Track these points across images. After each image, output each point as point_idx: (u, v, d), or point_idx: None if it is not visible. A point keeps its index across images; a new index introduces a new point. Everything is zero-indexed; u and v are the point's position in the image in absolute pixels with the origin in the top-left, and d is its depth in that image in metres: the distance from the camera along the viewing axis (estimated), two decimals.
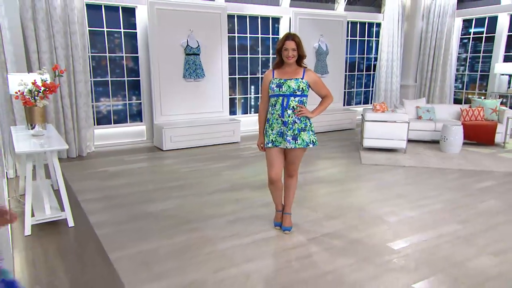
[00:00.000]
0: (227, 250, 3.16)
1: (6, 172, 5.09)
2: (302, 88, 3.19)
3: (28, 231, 3.44)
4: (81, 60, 6.02)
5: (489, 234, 3.53)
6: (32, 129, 3.83)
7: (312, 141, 3.28)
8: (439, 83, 9.60)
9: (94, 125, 6.55)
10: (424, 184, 4.92)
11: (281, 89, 3.18)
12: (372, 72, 9.96)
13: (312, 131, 3.30)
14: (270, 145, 3.28)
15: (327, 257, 3.08)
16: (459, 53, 9.72)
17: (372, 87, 10.04)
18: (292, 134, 3.20)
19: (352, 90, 9.79)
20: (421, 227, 3.65)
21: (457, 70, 9.81)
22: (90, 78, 6.35)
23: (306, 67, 3.29)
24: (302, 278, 2.78)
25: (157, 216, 3.85)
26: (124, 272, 2.83)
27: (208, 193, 4.54)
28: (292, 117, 3.19)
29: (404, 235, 3.49)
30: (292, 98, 3.18)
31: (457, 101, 9.82)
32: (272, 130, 3.27)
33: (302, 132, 3.23)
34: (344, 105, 9.34)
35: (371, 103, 10.02)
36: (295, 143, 3.20)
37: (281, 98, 3.19)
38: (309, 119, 3.30)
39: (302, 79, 3.20)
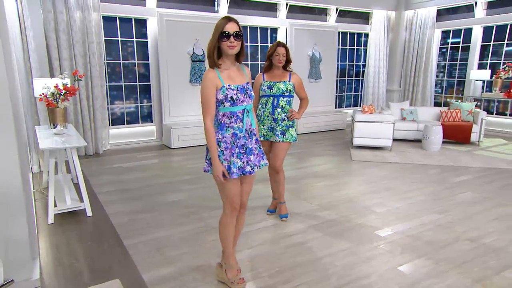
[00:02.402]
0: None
1: (32, 168, 5.09)
2: (290, 89, 3.35)
3: (51, 219, 3.44)
4: (98, 66, 6.02)
5: (466, 222, 3.54)
6: (54, 128, 3.83)
7: (295, 137, 3.43)
8: (421, 88, 9.61)
9: (109, 125, 6.54)
10: (408, 178, 4.94)
11: (271, 90, 3.34)
12: (360, 78, 9.97)
13: (295, 128, 3.47)
14: (262, 138, 3.40)
15: (322, 243, 3.09)
16: (438, 61, 9.73)
17: (361, 91, 10.04)
18: (281, 129, 3.35)
19: (343, 94, 9.79)
20: (406, 217, 3.66)
21: (437, 76, 9.83)
22: (106, 83, 6.35)
23: (291, 71, 3.43)
24: (300, 261, 2.79)
25: (167, 207, 3.86)
26: (137, 256, 2.84)
27: (214, 186, 4.54)
28: (281, 115, 3.34)
29: (390, 223, 3.50)
30: (281, 98, 3.34)
31: (437, 104, 9.84)
32: (263, 125, 3.40)
33: (290, 129, 3.39)
34: (335, 108, 9.34)
35: (360, 105, 10.03)
36: (283, 137, 3.36)
37: (271, 98, 3.34)
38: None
39: (289, 81, 3.36)
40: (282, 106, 3.33)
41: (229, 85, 2.16)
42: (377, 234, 3.27)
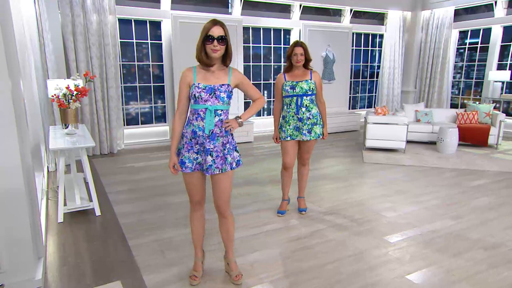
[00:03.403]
0: (234, 241, 3.07)
1: (48, 166, 5.14)
2: (312, 88, 3.31)
3: (60, 218, 3.43)
4: (113, 68, 6.04)
5: (480, 229, 3.34)
6: (66, 128, 3.83)
7: (319, 133, 3.39)
8: (437, 89, 9.29)
9: (124, 125, 6.57)
10: (422, 181, 4.73)
11: (294, 90, 3.29)
12: (375, 79, 9.72)
13: (321, 125, 3.41)
14: (288, 138, 3.38)
15: (328, 248, 2.96)
16: (455, 62, 9.38)
17: (375, 93, 9.79)
18: (308, 128, 3.33)
19: (357, 95, 9.57)
20: (417, 222, 3.49)
21: (454, 77, 9.47)
22: (121, 84, 6.37)
23: (312, 69, 3.37)
24: (304, 267, 2.67)
25: (174, 207, 3.80)
26: (140, 258, 2.78)
27: None
28: (306, 113, 3.31)
29: (401, 229, 3.33)
30: (304, 97, 3.30)
31: (453, 105, 9.49)
32: (289, 125, 3.36)
33: (314, 126, 3.35)
34: (349, 109, 9.13)
35: (374, 107, 9.78)
36: (310, 135, 3.35)
37: (295, 98, 3.31)
38: (319, 115, 3.37)
39: (310, 80, 3.30)
40: (306, 105, 3.31)
41: (198, 84, 2.17)
42: (386, 239, 3.12)
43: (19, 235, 2.22)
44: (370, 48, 9.44)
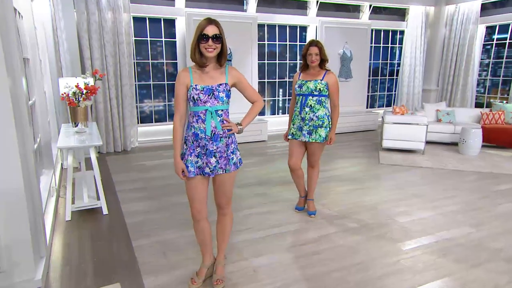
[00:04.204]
0: (239, 244, 3.00)
1: (62, 163, 5.21)
2: (320, 88, 3.18)
3: (68, 216, 3.45)
4: (127, 66, 6.07)
5: (503, 238, 3.12)
6: (75, 126, 3.85)
7: (323, 137, 3.25)
8: (460, 87, 8.90)
9: (138, 123, 6.60)
10: (440, 185, 4.51)
11: (301, 89, 3.22)
12: (394, 77, 9.41)
13: (328, 128, 3.27)
14: (290, 137, 3.35)
15: (335, 254, 2.83)
16: (481, 59, 8.94)
17: (395, 91, 9.48)
18: (308, 129, 3.23)
19: (376, 93, 9.30)
20: (433, 228, 3.30)
21: (479, 75, 9.04)
22: (135, 82, 6.40)
23: (328, 70, 3.24)
24: (308, 275, 2.56)
25: (181, 208, 3.75)
26: (143, 259, 2.74)
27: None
28: (309, 114, 3.21)
29: (414, 235, 3.16)
30: (310, 97, 3.20)
31: (478, 105, 9.06)
32: (293, 124, 3.33)
33: (319, 128, 3.22)
34: (367, 108, 8.88)
35: (393, 105, 9.48)
36: (310, 137, 3.23)
37: (301, 97, 3.26)
38: (328, 117, 3.25)
39: (321, 80, 3.19)
40: (310, 105, 3.21)
41: (196, 85, 2.10)
42: (397, 247, 2.96)
43: (18, 235, 2.21)
44: (390, 45, 9.14)
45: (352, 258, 2.78)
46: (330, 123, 3.28)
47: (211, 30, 2.04)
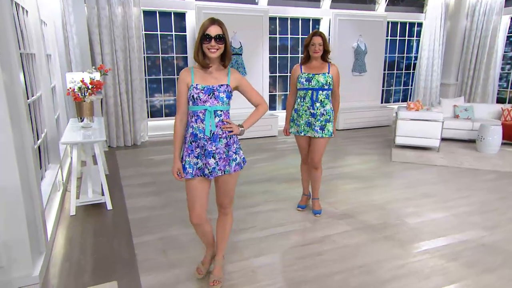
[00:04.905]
0: (241, 243, 2.94)
1: (72, 158, 5.27)
2: (329, 82, 3.10)
3: (73, 211, 3.47)
4: (137, 60, 6.07)
5: None
6: (81, 121, 3.86)
7: (331, 131, 3.18)
8: (481, 81, 8.55)
9: (148, 117, 6.62)
10: (453, 184, 4.33)
11: (310, 83, 3.10)
12: (411, 71, 9.12)
13: (332, 122, 3.19)
14: (302, 134, 3.24)
15: (338, 256, 2.75)
16: (505, 52, 8.55)
17: (411, 85, 9.20)
18: (320, 124, 3.14)
19: (391, 88, 9.04)
20: (444, 230, 3.17)
21: (502, 69, 8.65)
22: (145, 76, 6.40)
23: (330, 62, 3.16)
24: (308, 276, 2.49)
25: (184, 204, 3.70)
26: (142, 257, 2.73)
27: (239, 183, 4.32)
28: (320, 109, 3.12)
29: (423, 237, 3.04)
30: (320, 91, 3.11)
31: (500, 100, 8.69)
32: (301, 120, 3.20)
33: (328, 123, 3.15)
34: (381, 103, 8.65)
35: (410, 100, 9.21)
36: (322, 132, 3.16)
37: (310, 91, 3.13)
38: (332, 111, 3.18)
39: (328, 73, 3.10)
40: (321, 100, 3.12)
41: (196, 85, 2.08)
42: (405, 249, 2.85)
43: (15, 232, 2.22)
44: (407, 37, 8.85)
45: (356, 260, 2.69)
46: (333, 116, 3.22)
47: (214, 30, 2.01)
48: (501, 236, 3.07)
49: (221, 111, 2.11)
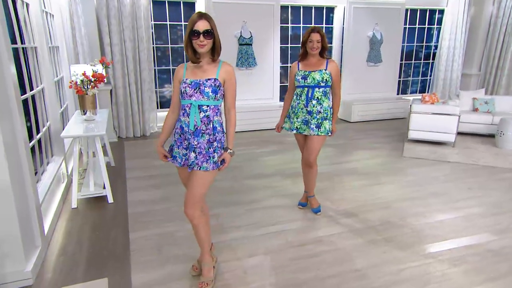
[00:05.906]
0: (236, 241, 2.90)
1: (80, 149, 5.35)
2: (326, 79, 3.00)
3: (74, 204, 3.52)
4: (146, 50, 6.04)
5: None
6: (84, 114, 3.88)
7: (328, 129, 3.09)
8: (506, 72, 8.11)
9: (157, 108, 6.62)
10: (466, 183, 4.14)
11: (306, 80, 3.03)
12: (431, 61, 8.74)
13: (330, 120, 3.10)
14: (295, 131, 3.17)
15: (333, 259, 2.67)
16: None
17: (430, 76, 8.83)
18: (316, 122, 3.07)
19: (408, 79, 8.70)
20: (449, 233, 3.03)
21: None
22: (154, 66, 6.38)
23: (329, 58, 3.06)
24: (301, 279, 2.43)
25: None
26: (136, 253, 2.73)
27: (243, 177, 4.30)
28: (316, 107, 3.04)
29: (426, 241, 2.91)
30: (316, 89, 3.02)
31: None
32: (297, 118, 3.13)
33: (325, 121, 3.08)
34: (397, 94, 8.36)
35: (428, 92, 8.86)
36: (318, 130, 3.07)
37: (306, 89, 3.06)
38: (330, 109, 3.10)
39: (325, 70, 3.01)
40: (317, 97, 3.03)
41: (186, 79, 2.14)
42: (404, 253, 2.74)
43: (5, 227, 2.24)
44: (426, 26, 8.44)
45: (351, 263, 2.61)
46: (330, 115, 3.11)
47: (202, 26, 2.02)
48: (511, 242, 2.91)
49: (207, 106, 2.12)
